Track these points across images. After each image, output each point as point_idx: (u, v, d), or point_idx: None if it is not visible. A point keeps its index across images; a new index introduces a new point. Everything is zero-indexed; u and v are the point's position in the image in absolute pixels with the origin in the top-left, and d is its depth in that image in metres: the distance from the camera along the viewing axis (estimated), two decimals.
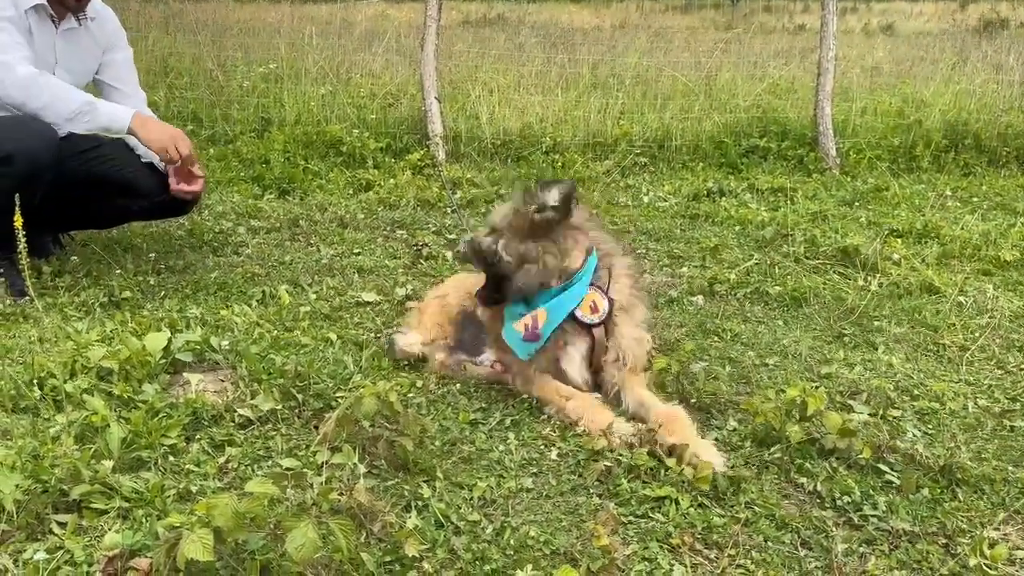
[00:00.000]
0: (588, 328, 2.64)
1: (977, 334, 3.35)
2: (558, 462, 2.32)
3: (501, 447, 2.38)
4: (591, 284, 2.64)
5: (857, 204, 5.58)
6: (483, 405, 2.63)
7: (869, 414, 2.61)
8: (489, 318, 2.90)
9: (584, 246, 2.67)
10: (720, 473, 2.17)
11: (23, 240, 2.70)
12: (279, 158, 5.83)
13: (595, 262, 2.66)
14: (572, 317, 2.62)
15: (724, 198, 5.67)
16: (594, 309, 2.62)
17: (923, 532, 2.03)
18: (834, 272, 4.12)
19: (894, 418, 2.61)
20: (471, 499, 2.11)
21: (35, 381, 2.45)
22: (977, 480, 2.25)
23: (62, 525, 1.88)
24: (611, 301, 2.65)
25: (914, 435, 2.51)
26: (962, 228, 4.86)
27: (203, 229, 4.36)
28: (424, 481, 2.16)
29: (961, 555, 1.94)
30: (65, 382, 2.42)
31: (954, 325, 3.43)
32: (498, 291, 2.73)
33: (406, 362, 2.88)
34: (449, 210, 5.15)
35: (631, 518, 2.07)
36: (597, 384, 2.69)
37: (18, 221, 2.42)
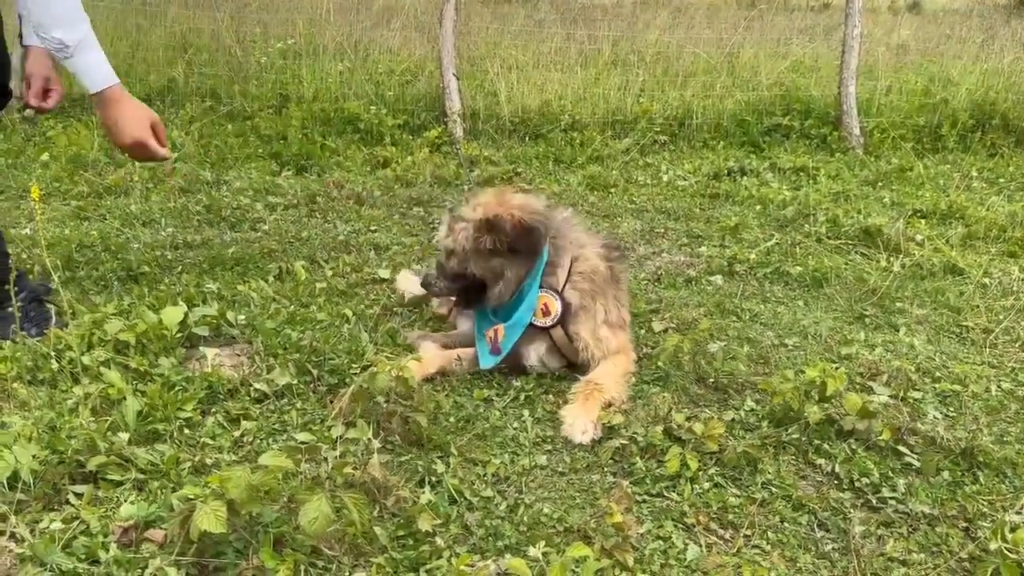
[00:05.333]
0: (544, 329, 2.64)
1: (1001, 316, 3.29)
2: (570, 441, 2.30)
3: (515, 424, 2.37)
4: (544, 287, 2.63)
5: (880, 184, 5.50)
6: (498, 382, 2.62)
7: (889, 396, 2.57)
8: None
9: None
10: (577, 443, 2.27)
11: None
12: (297, 134, 5.82)
13: (543, 263, 2.63)
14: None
15: (745, 177, 5.60)
16: (546, 312, 2.63)
17: (943, 515, 2.01)
18: (856, 252, 4.06)
19: (915, 400, 2.57)
20: (485, 475, 2.10)
21: (53, 354, 2.46)
22: (999, 463, 2.22)
23: (78, 496, 1.90)
24: (564, 302, 2.63)
25: (935, 417, 2.47)
26: (988, 209, 4.77)
27: (221, 205, 4.36)
28: (438, 457, 2.16)
29: (981, 539, 1.91)
30: (82, 355, 2.43)
31: (978, 307, 3.37)
32: (473, 299, 2.75)
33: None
34: (466, 188, 5.12)
35: (645, 496, 2.06)
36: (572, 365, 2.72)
37: (35, 192, 2.39)
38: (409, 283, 3.27)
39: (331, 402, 2.37)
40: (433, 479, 2.07)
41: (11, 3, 2.90)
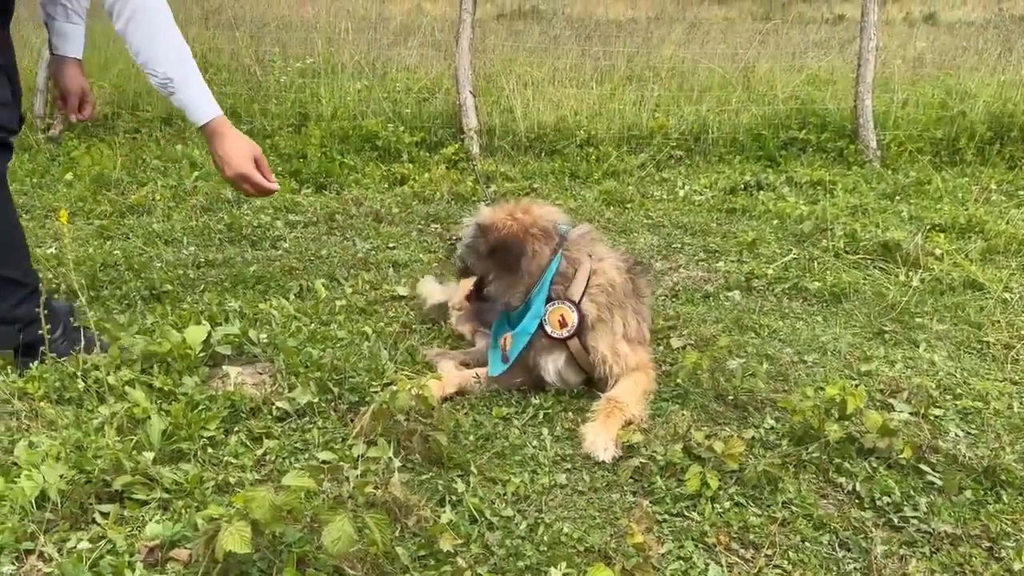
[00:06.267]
0: (561, 340, 2.65)
1: (1023, 332, 3.27)
2: (592, 458, 2.31)
3: (534, 443, 2.38)
4: (560, 299, 2.64)
5: (898, 197, 5.48)
6: (516, 400, 2.63)
7: (910, 413, 2.57)
8: None
9: (543, 258, 2.66)
10: (600, 461, 2.28)
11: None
12: (316, 153, 5.88)
13: (551, 275, 2.65)
14: (544, 331, 2.64)
15: (762, 191, 5.60)
16: (563, 323, 2.63)
17: (966, 535, 2.00)
18: (874, 267, 4.05)
19: (936, 417, 2.56)
20: (505, 495, 2.11)
21: (79, 373, 2.50)
22: (1022, 482, 2.20)
23: (104, 515, 1.93)
24: (581, 314, 2.64)
25: (957, 435, 2.46)
26: (1007, 222, 4.74)
27: (242, 223, 4.42)
28: (458, 476, 2.17)
29: (1005, 559, 1.90)
30: (108, 374, 2.46)
31: (998, 322, 3.35)
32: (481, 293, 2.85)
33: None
34: (483, 204, 5.14)
35: (666, 516, 2.06)
36: (591, 382, 2.73)
37: (63, 216, 2.43)
38: (431, 290, 3.32)
39: (352, 420, 2.40)
40: (453, 498, 2.08)
41: (21, 22, 2.93)
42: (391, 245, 4.31)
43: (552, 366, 2.68)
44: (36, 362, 2.55)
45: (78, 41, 2.99)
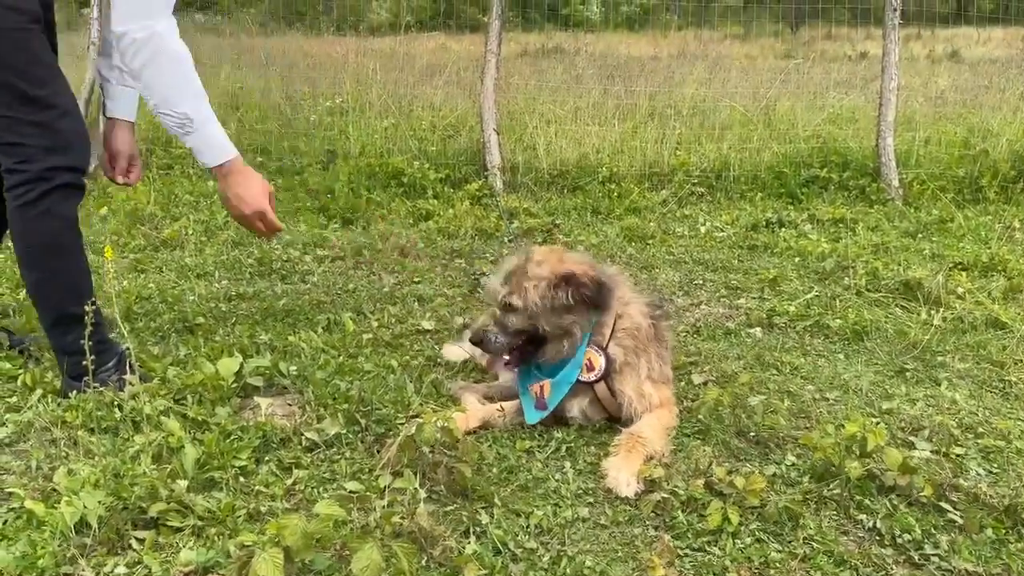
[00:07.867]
0: (588, 384, 2.70)
1: None
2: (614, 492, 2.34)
3: (557, 476, 2.42)
4: (589, 344, 2.70)
5: (920, 236, 5.49)
6: (539, 433, 2.67)
7: (931, 451, 2.58)
8: None
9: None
10: (622, 496, 2.29)
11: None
12: (343, 189, 6.00)
13: (593, 324, 2.71)
14: None
15: (783, 229, 5.63)
16: (590, 367, 2.69)
17: (987, 573, 2.00)
18: (896, 306, 4.06)
19: (957, 456, 2.57)
20: (528, 527, 2.15)
21: (115, 403, 2.58)
22: None
23: (140, 541, 1.99)
24: (608, 358, 2.69)
25: (978, 473, 2.47)
26: None
27: (271, 258, 4.53)
28: (482, 508, 2.21)
29: None
30: (143, 404, 2.54)
31: (1021, 361, 3.35)
32: (529, 355, 2.75)
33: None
34: (507, 239, 5.23)
35: (687, 551, 2.09)
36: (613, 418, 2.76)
37: (108, 252, 2.53)
38: (456, 353, 3.29)
39: (378, 451, 2.45)
40: (478, 529, 2.12)
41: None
42: (416, 280, 4.39)
43: (576, 407, 2.73)
44: (75, 392, 2.63)
45: (131, 104, 2.97)
